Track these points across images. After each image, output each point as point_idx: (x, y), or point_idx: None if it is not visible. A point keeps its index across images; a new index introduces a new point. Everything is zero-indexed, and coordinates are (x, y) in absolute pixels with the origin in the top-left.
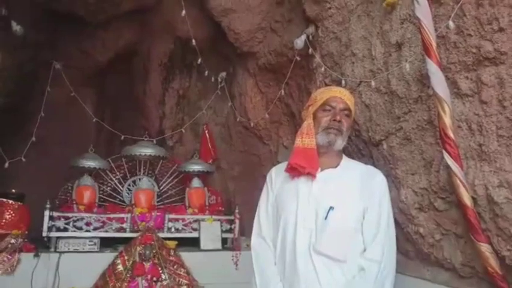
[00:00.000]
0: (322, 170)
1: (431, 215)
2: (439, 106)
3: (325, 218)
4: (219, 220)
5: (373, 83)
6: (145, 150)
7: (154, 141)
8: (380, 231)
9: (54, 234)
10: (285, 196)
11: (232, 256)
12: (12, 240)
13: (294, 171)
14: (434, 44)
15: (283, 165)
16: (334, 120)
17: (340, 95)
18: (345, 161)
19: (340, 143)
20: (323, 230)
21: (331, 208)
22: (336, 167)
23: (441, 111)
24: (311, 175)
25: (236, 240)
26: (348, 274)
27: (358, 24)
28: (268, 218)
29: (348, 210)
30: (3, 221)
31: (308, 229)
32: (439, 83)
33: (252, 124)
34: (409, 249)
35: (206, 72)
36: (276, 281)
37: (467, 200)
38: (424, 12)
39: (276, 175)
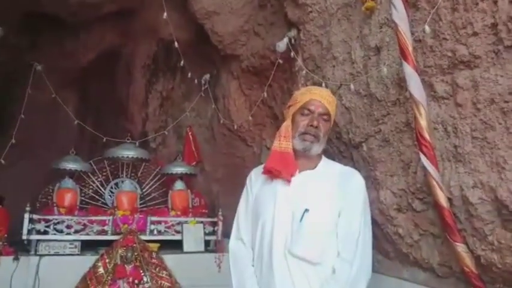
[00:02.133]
0: (300, 172)
1: (410, 215)
2: (415, 109)
3: (300, 220)
4: (202, 222)
5: (352, 86)
6: (128, 153)
7: (137, 144)
8: (353, 231)
9: (34, 237)
10: (263, 198)
11: (215, 258)
12: None
13: (269, 174)
14: (410, 48)
15: (262, 167)
16: (311, 125)
17: (320, 98)
18: (324, 162)
19: (316, 149)
20: (298, 233)
21: (306, 210)
22: (314, 168)
23: (417, 114)
24: (285, 179)
25: (219, 243)
26: (323, 276)
27: (338, 28)
28: (247, 220)
29: (324, 212)
30: None
31: (284, 231)
32: (415, 86)
33: (235, 126)
34: (389, 249)
35: (189, 74)
36: (252, 283)
37: (443, 200)
38: (401, 16)
39: (255, 177)
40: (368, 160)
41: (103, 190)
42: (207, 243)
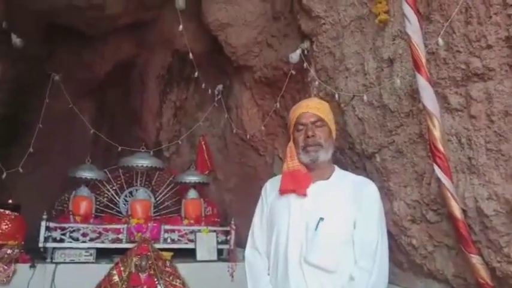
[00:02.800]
0: (314, 182)
1: (424, 226)
2: (428, 120)
3: (315, 229)
4: (214, 231)
5: (365, 97)
6: (142, 162)
7: (151, 153)
8: (371, 240)
9: (50, 244)
10: (278, 209)
11: (228, 267)
12: (9, 251)
13: (286, 193)
14: (424, 60)
15: (277, 178)
16: (307, 137)
17: (307, 109)
18: (337, 172)
19: (323, 156)
20: (313, 241)
21: (321, 219)
22: (328, 178)
23: (431, 125)
24: (300, 195)
25: (232, 252)
26: (339, 285)
27: (351, 40)
28: (262, 230)
29: (339, 221)
30: (0, 231)
31: (299, 240)
32: (428, 97)
33: (248, 136)
34: (403, 260)
35: (203, 85)
36: None
37: (457, 212)
38: (414, 29)
39: (271, 188)
40: (381, 171)
41: (117, 198)
42: (219, 252)
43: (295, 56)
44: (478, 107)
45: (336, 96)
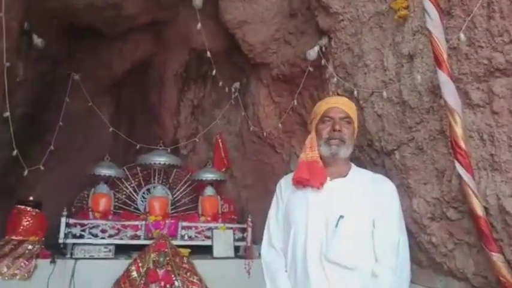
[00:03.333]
0: (331, 180)
1: (444, 224)
2: (450, 116)
3: (336, 226)
4: (231, 228)
5: (384, 94)
6: (160, 159)
7: (169, 150)
8: (392, 238)
9: (70, 240)
10: (295, 206)
11: (245, 264)
12: (30, 247)
13: (299, 184)
14: (445, 56)
15: (292, 175)
16: (334, 130)
17: (337, 104)
18: (354, 170)
19: (344, 151)
20: (334, 239)
21: (341, 217)
22: (345, 176)
23: (452, 122)
24: (315, 187)
25: (249, 249)
26: (360, 282)
27: (370, 36)
28: (278, 227)
29: (358, 219)
30: (21, 227)
31: (318, 238)
32: (450, 93)
33: (264, 133)
34: (422, 258)
35: (220, 83)
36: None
37: (479, 209)
38: (435, 24)
39: (286, 185)
40: (400, 168)
41: (135, 195)
42: (236, 249)
43: (313, 53)
44: (500, 102)
45: (355, 92)
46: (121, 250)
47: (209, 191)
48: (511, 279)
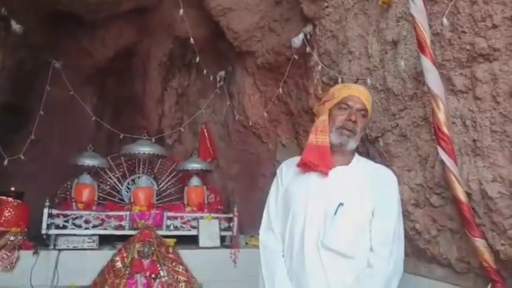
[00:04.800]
0: (334, 167)
1: (427, 210)
2: (433, 102)
3: (335, 213)
4: (217, 218)
5: (369, 81)
6: (145, 149)
7: (153, 140)
8: (389, 229)
9: (53, 231)
10: (296, 190)
11: (231, 254)
12: (12, 238)
13: (305, 167)
14: (428, 42)
15: (294, 160)
16: (349, 120)
17: (359, 94)
18: (357, 159)
19: (352, 144)
20: (332, 226)
21: (340, 204)
22: (348, 164)
23: (436, 108)
24: (323, 173)
25: (235, 238)
26: (355, 270)
27: (354, 23)
28: (278, 211)
29: (357, 208)
30: (3, 218)
31: (317, 224)
32: (433, 79)
33: (250, 123)
34: (406, 245)
35: (205, 71)
36: (282, 273)
37: (461, 195)
38: (418, 10)
39: (286, 169)
40: (384, 155)
41: (120, 186)
42: (222, 238)
43: (297, 41)
44: (483, 88)
45: (339, 80)
46: (105, 241)
47: (195, 181)
48: (492, 264)
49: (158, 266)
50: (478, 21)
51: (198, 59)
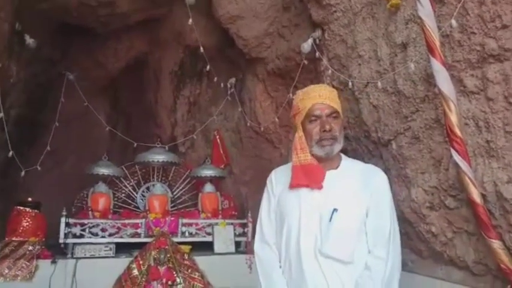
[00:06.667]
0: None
1: (443, 213)
2: (444, 104)
3: (330, 220)
4: (232, 224)
5: (379, 84)
6: (158, 157)
7: (167, 148)
8: (384, 229)
9: (70, 240)
10: (287, 201)
11: (246, 259)
12: (30, 247)
13: (299, 187)
14: (438, 43)
15: (283, 168)
16: (324, 131)
17: (321, 99)
18: (345, 161)
19: (337, 148)
20: (328, 232)
21: (335, 210)
22: (337, 167)
23: (447, 110)
24: (315, 188)
25: (249, 244)
26: (355, 275)
27: (363, 26)
28: (271, 222)
29: (352, 211)
30: (21, 228)
31: (312, 233)
32: (444, 81)
33: (262, 128)
34: (422, 248)
35: (215, 79)
36: (282, 285)
37: (476, 197)
38: (426, 12)
39: (276, 179)
40: (398, 158)
41: (135, 194)
42: (237, 244)
43: (306, 46)
44: (495, 88)
45: (350, 84)
46: (122, 248)
47: (209, 187)
48: (511, 265)
49: (174, 273)
50: (487, 22)
51: (208, 67)
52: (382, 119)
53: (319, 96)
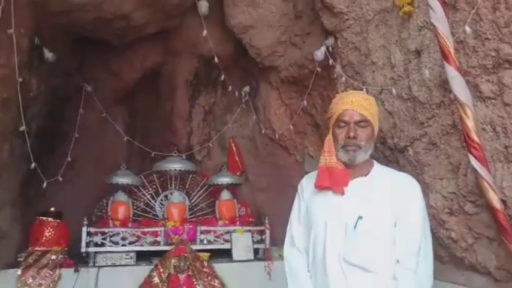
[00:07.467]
0: (352, 179)
1: (462, 219)
2: (461, 110)
3: (354, 227)
4: (249, 231)
5: (394, 91)
6: (175, 166)
7: (184, 157)
8: (414, 239)
9: (92, 249)
10: (315, 207)
11: (265, 266)
12: (53, 257)
13: (321, 188)
14: (452, 50)
15: (312, 175)
16: (349, 137)
17: (353, 106)
18: (376, 168)
19: (361, 157)
20: (353, 240)
21: (359, 218)
22: (367, 175)
23: (464, 115)
24: (337, 192)
25: (267, 251)
26: (380, 284)
27: (376, 34)
28: (301, 227)
29: (378, 219)
30: (44, 238)
31: (338, 239)
32: (459, 87)
33: (277, 135)
34: (443, 254)
35: (230, 88)
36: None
37: (496, 202)
38: (439, 19)
39: (307, 185)
40: (415, 164)
41: (153, 202)
42: (255, 251)
43: (319, 54)
44: (511, 93)
45: (364, 91)
46: (142, 256)
47: (225, 195)
48: None
49: (194, 280)
50: (501, 28)
51: (223, 76)
52: (397, 125)
53: (351, 103)
